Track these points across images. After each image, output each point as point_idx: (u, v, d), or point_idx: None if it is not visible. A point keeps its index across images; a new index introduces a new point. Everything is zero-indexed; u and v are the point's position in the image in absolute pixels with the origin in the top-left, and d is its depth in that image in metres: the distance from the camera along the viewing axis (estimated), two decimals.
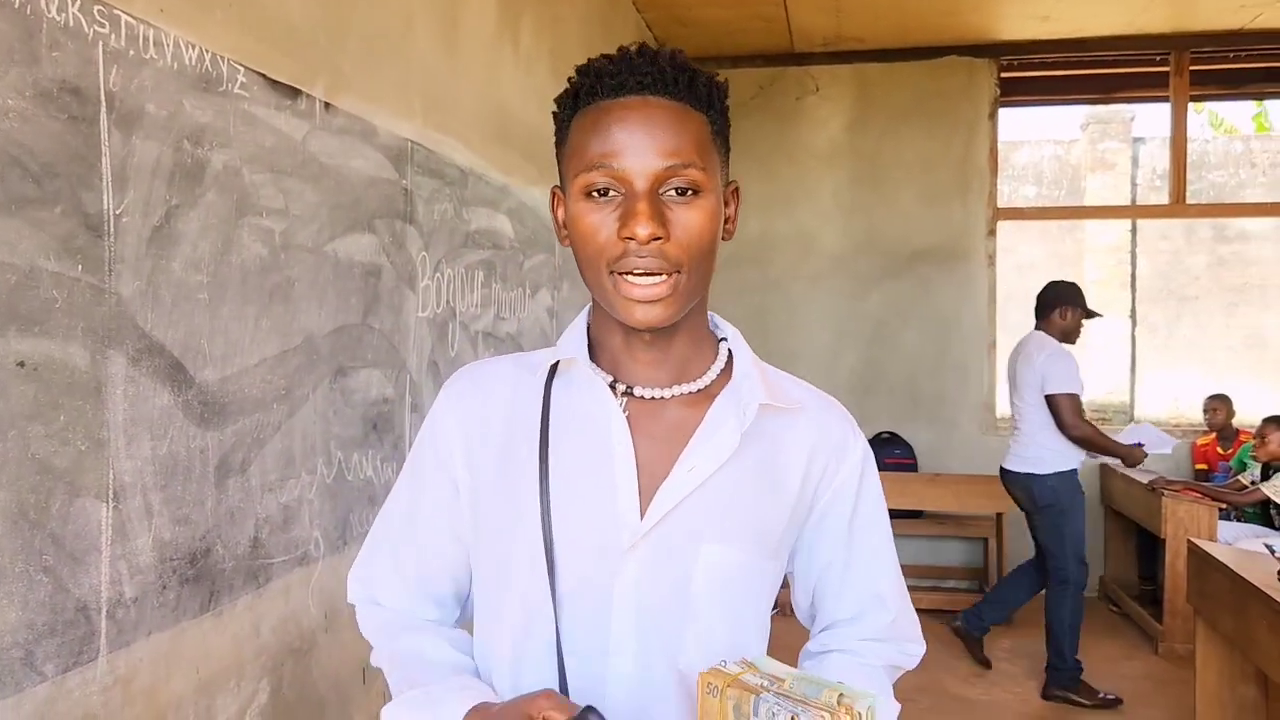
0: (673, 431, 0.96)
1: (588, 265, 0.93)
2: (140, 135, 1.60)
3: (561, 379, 1.00)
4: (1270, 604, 2.80)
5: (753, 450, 0.97)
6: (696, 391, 0.99)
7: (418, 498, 1.06)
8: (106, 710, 1.55)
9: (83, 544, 1.50)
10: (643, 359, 0.98)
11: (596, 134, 0.91)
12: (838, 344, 6.26)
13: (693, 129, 0.91)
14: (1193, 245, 9.87)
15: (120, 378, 1.56)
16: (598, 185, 0.90)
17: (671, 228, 0.89)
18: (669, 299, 0.90)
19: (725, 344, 1.04)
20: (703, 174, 0.91)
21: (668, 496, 0.93)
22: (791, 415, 1.01)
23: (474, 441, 1.01)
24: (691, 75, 0.93)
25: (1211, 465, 5.87)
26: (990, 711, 4.17)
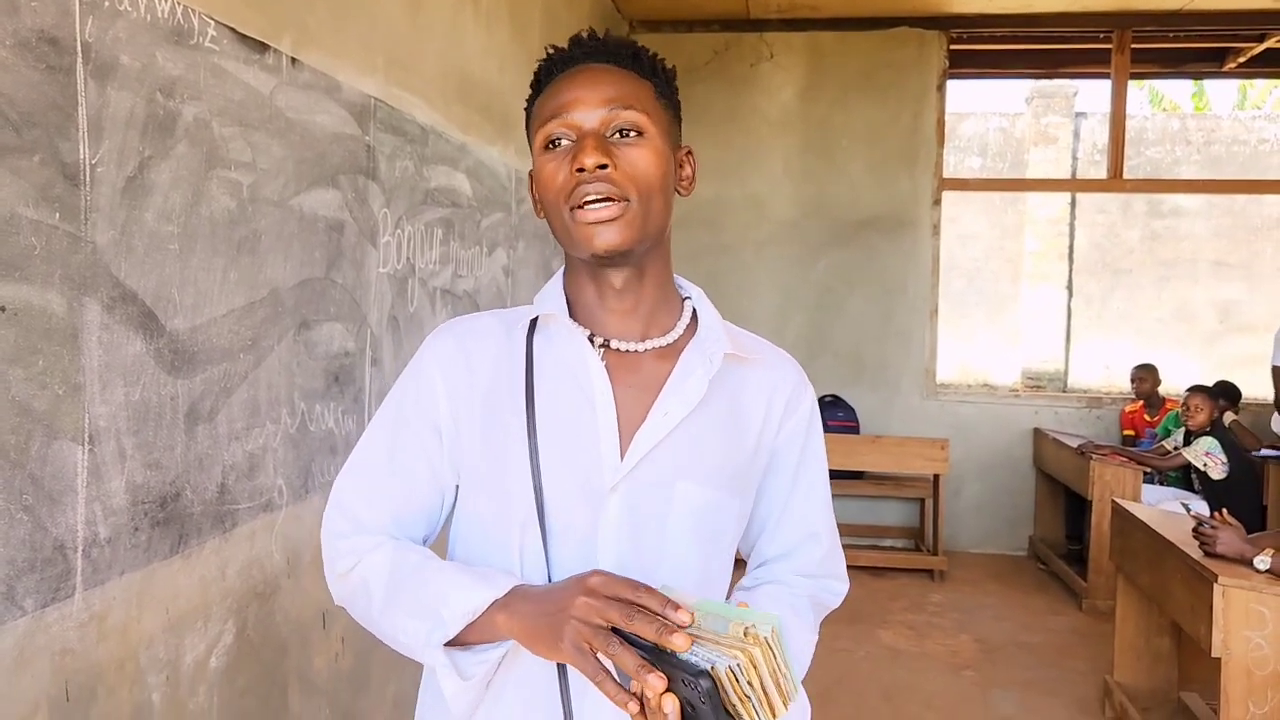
0: (647, 381, 1.05)
1: (552, 210, 1.03)
2: (115, 86, 1.63)
3: (542, 334, 1.08)
4: (1184, 559, 2.98)
5: (719, 397, 1.07)
6: (667, 345, 1.07)
7: (399, 439, 1.10)
8: (82, 645, 1.60)
9: (60, 485, 1.54)
10: (615, 309, 1.06)
11: (551, 97, 1.03)
12: (786, 308, 6.39)
13: (633, 85, 1.03)
14: (1128, 219, 10.16)
15: (95, 324, 1.60)
16: (552, 135, 1.01)
17: (616, 160, 0.99)
18: (620, 220, 0.99)
19: (690, 302, 1.13)
20: (645, 118, 1.02)
21: (645, 439, 1.02)
22: (752, 366, 1.11)
23: (459, 392, 1.07)
24: (635, 50, 1.06)
25: (1138, 431, 6.12)
26: (921, 661, 4.36)
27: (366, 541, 1.08)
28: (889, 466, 5.87)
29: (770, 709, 0.83)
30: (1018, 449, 6.33)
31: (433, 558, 1.05)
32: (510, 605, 0.95)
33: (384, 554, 1.06)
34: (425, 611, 0.98)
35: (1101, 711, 3.80)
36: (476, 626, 0.96)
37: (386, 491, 1.10)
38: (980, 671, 4.25)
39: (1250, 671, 2.69)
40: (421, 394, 1.09)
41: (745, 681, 0.82)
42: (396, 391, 1.12)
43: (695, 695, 0.82)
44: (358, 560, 1.08)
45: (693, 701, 0.83)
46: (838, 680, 4.07)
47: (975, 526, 6.35)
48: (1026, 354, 10.15)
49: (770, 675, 0.83)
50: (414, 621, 0.99)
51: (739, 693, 0.83)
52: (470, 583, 0.97)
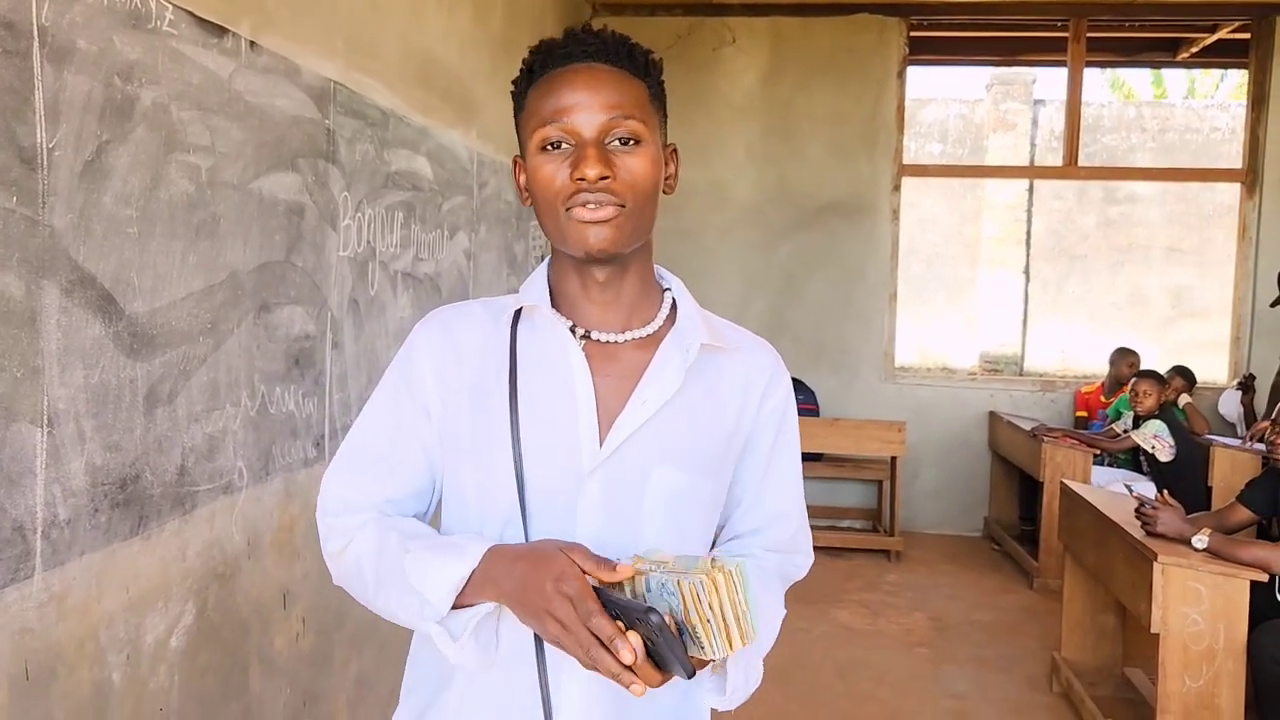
0: (626, 370, 1.09)
1: (546, 209, 1.06)
2: (72, 70, 1.63)
3: (526, 323, 1.12)
4: (1127, 539, 3.08)
5: (696, 385, 1.11)
6: (646, 336, 1.12)
7: (391, 422, 1.14)
8: (42, 624, 1.62)
9: (18, 467, 1.56)
10: (597, 301, 1.10)
11: (549, 96, 1.05)
12: (747, 293, 6.44)
13: (632, 89, 1.06)
14: (1084, 206, 10.33)
15: (54, 308, 1.61)
16: (551, 139, 1.03)
17: (617, 170, 1.02)
18: (614, 221, 1.03)
19: (669, 293, 1.18)
20: (643, 126, 1.05)
21: (623, 427, 1.06)
22: (729, 355, 1.16)
23: (447, 378, 1.11)
24: (631, 48, 1.08)
25: (1091, 413, 6.25)
26: (875, 639, 4.45)
27: (355, 520, 1.11)
28: (847, 449, 5.95)
29: (728, 639, 0.89)
30: (974, 432, 6.45)
31: (415, 534, 1.08)
32: (489, 577, 0.99)
33: (370, 534, 1.09)
34: (412, 590, 1.02)
35: (1049, 687, 3.91)
36: (467, 592, 1.00)
37: (378, 473, 1.13)
38: (933, 649, 4.35)
39: (1186, 646, 2.79)
40: (412, 380, 1.12)
41: (706, 604, 0.88)
42: (388, 378, 1.16)
43: (651, 632, 0.87)
44: (349, 540, 1.11)
45: (650, 638, 0.88)
46: (793, 658, 4.15)
47: (932, 508, 6.46)
48: (984, 338, 10.31)
49: (731, 605, 0.88)
50: (405, 598, 1.03)
51: (700, 614, 0.88)
52: (444, 561, 1.01)
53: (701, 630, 0.89)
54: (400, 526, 1.10)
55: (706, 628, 0.88)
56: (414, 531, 1.09)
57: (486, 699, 1.08)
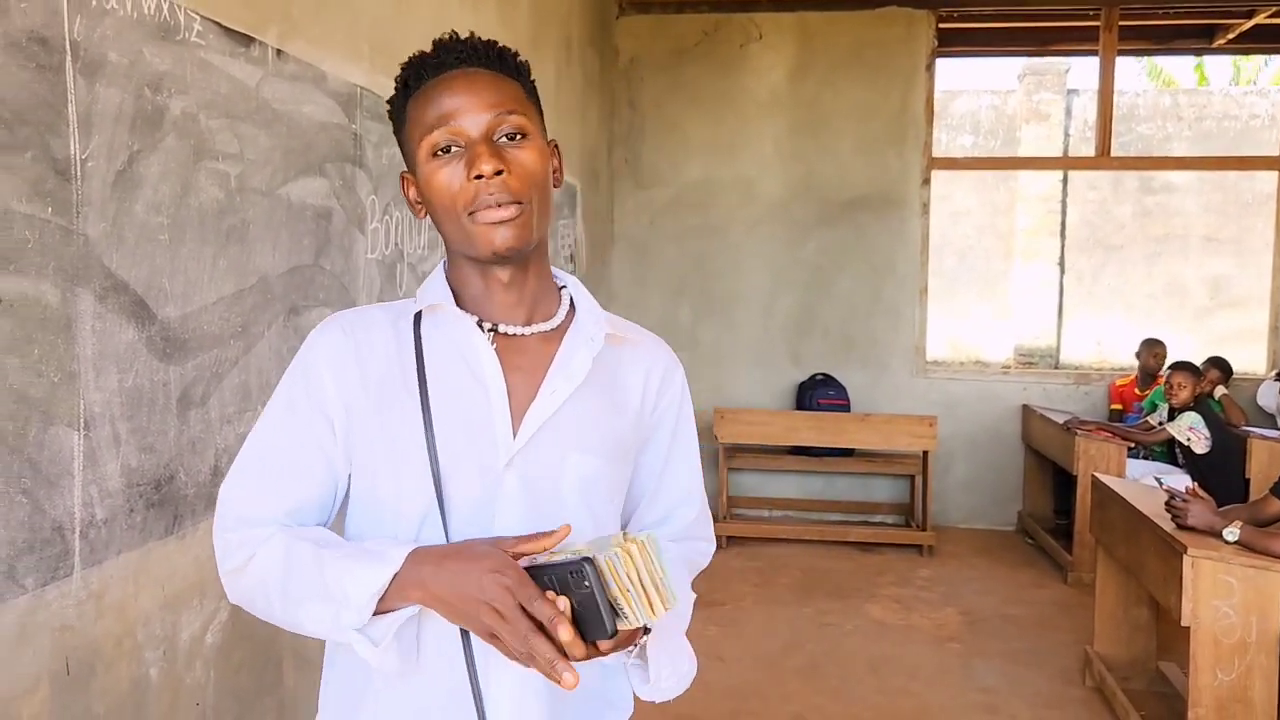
0: (534, 363, 1.11)
1: (446, 216, 1.07)
2: (103, 83, 1.68)
3: (430, 321, 1.12)
4: (1157, 532, 3.06)
5: (601, 375, 1.14)
6: (551, 329, 1.15)
7: (288, 432, 1.11)
8: (81, 621, 1.67)
9: (57, 469, 1.61)
10: (501, 300, 1.12)
11: (430, 104, 1.06)
12: (775, 288, 6.44)
13: (510, 88, 1.08)
14: (1120, 196, 10.20)
15: (89, 314, 1.66)
16: (440, 144, 1.05)
17: (510, 165, 1.04)
18: (519, 220, 1.04)
19: (566, 290, 1.21)
20: (527, 120, 1.07)
21: (535, 416, 1.08)
22: (629, 347, 1.19)
23: (348, 382, 1.09)
24: (500, 50, 1.10)
25: (1127, 406, 6.19)
26: (906, 634, 4.45)
27: (258, 534, 1.08)
28: (877, 444, 5.94)
29: (649, 605, 0.92)
30: (1007, 425, 6.41)
31: (326, 542, 1.06)
32: (415, 577, 0.98)
33: (277, 546, 1.06)
34: (328, 597, 1.00)
35: (1082, 681, 3.89)
36: (387, 599, 1.00)
37: (277, 485, 1.10)
38: (964, 643, 4.34)
39: (1218, 640, 2.77)
40: (311, 386, 1.10)
41: (625, 574, 0.91)
42: (284, 386, 1.13)
43: (582, 591, 0.91)
44: (251, 555, 1.07)
45: (582, 601, 0.92)
46: (825, 653, 4.16)
47: (964, 502, 6.43)
48: (1018, 330, 10.22)
49: (648, 575, 0.92)
50: (319, 607, 1.01)
51: (620, 585, 0.91)
52: (365, 567, 0.99)
53: (623, 601, 0.92)
54: (309, 536, 1.07)
55: (627, 597, 0.91)
56: (326, 540, 1.06)
57: (411, 704, 1.07)
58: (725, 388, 6.49)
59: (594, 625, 0.92)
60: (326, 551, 1.03)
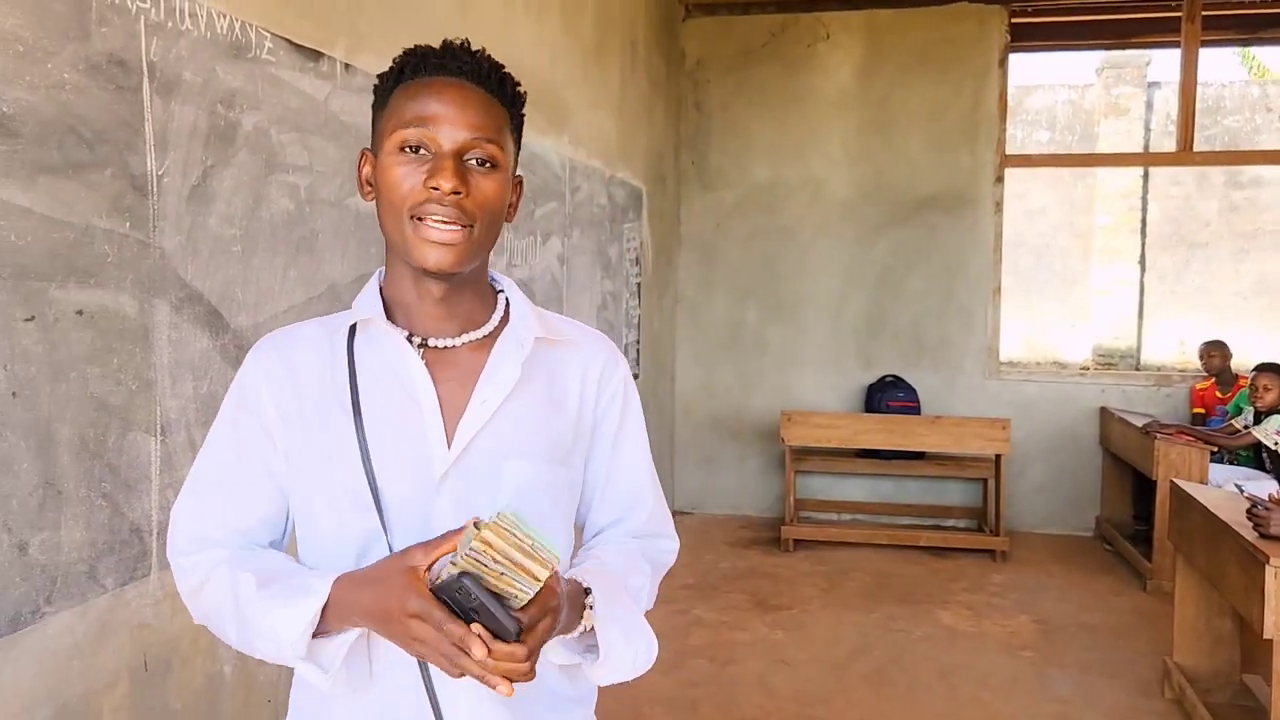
0: (465, 373, 1.11)
1: (390, 211, 1.06)
2: (179, 101, 1.74)
3: (362, 337, 1.12)
4: (1239, 540, 2.96)
5: (536, 379, 1.14)
6: (482, 338, 1.13)
7: (234, 453, 1.12)
8: (158, 620, 1.74)
9: (135, 473, 1.67)
10: (433, 313, 1.11)
11: (416, 100, 1.05)
12: (845, 289, 6.39)
13: (497, 116, 1.08)
14: (1204, 191, 9.88)
15: (165, 324, 1.73)
16: (411, 141, 1.04)
17: (470, 188, 1.03)
18: (461, 246, 1.04)
19: (503, 295, 1.20)
20: (500, 153, 1.07)
21: (468, 427, 1.08)
22: (566, 348, 1.18)
23: (284, 401, 1.10)
24: (503, 76, 1.10)
25: (1209, 409, 6.00)
26: (978, 641, 4.37)
27: (209, 557, 1.10)
28: (949, 447, 5.84)
29: (530, 574, 0.92)
30: (1084, 428, 6.26)
31: (266, 576, 1.06)
32: (345, 605, 1.00)
33: (223, 578, 1.08)
34: (270, 638, 1.03)
35: (1161, 694, 3.78)
36: (328, 624, 1.01)
37: (225, 506, 1.12)
38: (1038, 652, 4.24)
39: None
40: (249, 406, 1.12)
41: (490, 560, 0.90)
42: (225, 409, 1.15)
43: (473, 603, 0.91)
44: (204, 579, 1.10)
45: (478, 610, 0.91)
46: (893, 660, 4.11)
47: (1040, 507, 6.30)
48: (1097, 331, 9.96)
49: (514, 548, 0.91)
50: (263, 642, 1.04)
51: (492, 573, 0.91)
52: (290, 606, 1.01)
53: (504, 585, 0.91)
54: (254, 565, 1.08)
55: (505, 580, 0.91)
56: (267, 571, 1.07)
57: (372, 712, 1.09)
58: (793, 390, 6.46)
59: (499, 631, 0.92)
60: (262, 591, 1.04)
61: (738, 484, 6.58)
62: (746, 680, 3.89)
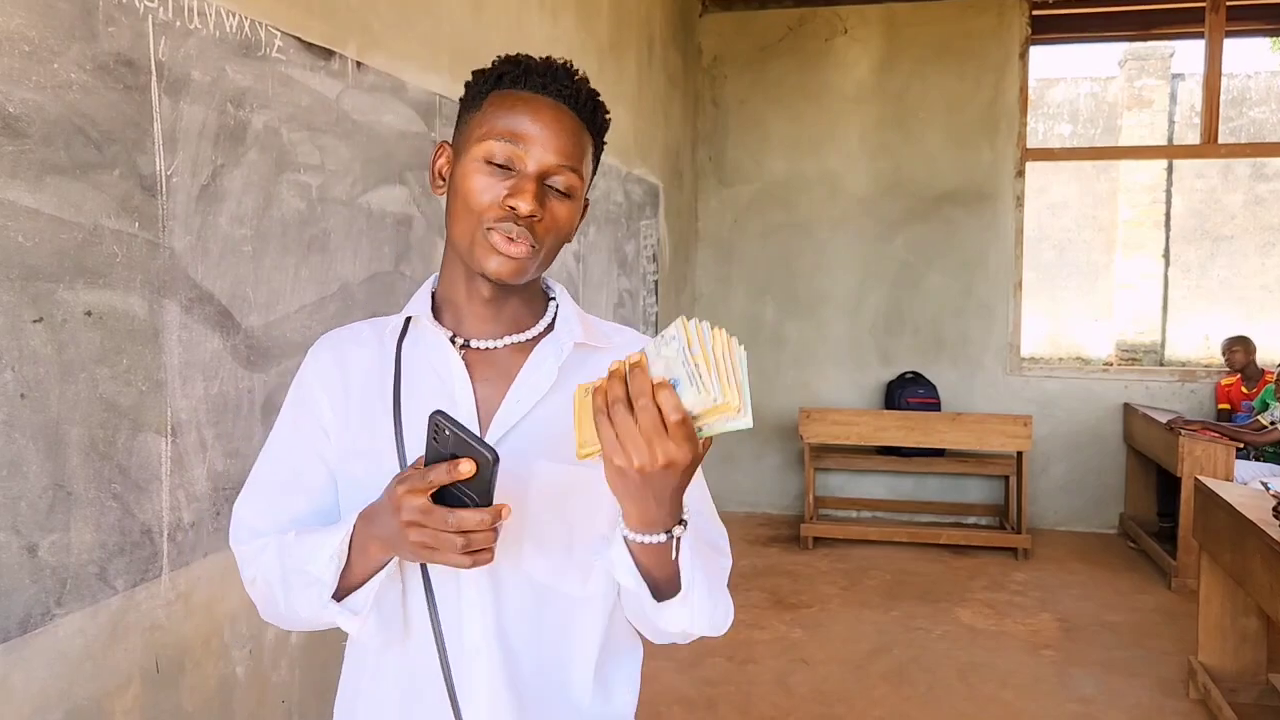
0: (503, 373, 1.13)
1: (462, 214, 1.07)
2: (187, 101, 1.74)
3: (410, 336, 1.16)
4: (1265, 539, 2.91)
5: (574, 382, 1.10)
6: (525, 341, 1.16)
7: (291, 449, 1.17)
8: (170, 621, 1.73)
9: (146, 474, 1.67)
10: (480, 313, 1.13)
11: (513, 114, 1.06)
12: (863, 285, 6.34)
13: (583, 143, 1.10)
14: (1229, 184, 9.75)
15: (175, 325, 1.72)
16: (498, 156, 1.05)
17: (546, 212, 1.06)
18: (524, 262, 1.06)
19: (554, 302, 1.21)
20: (579, 181, 1.09)
21: (499, 425, 1.10)
22: (609, 352, 1.17)
23: (336, 399, 1.15)
24: (596, 105, 1.11)
25: (1234, 405, 5.92)
26: (999, 640, 4.32)
27: (259, 543, 1.15)
28: (969, 444, 5.79)
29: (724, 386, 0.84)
30: (1107, 425, 6.19)
31: (304, 530, 1.11)
32: (364, 533, 1.02)
33: (270, 549, 1.12)
34: (307, 580, 1.06)
35: (1185, 693, 3.73)
36: (353, 567, 1.04)
37: (282, 498, 1.16)
38: (1060, 651, 4.20)
39: None
40: (307, 402, 1.16)
41: (710, 345, 0.85)
42: (286, 405, 1.19)
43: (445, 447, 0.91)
44: (256, 564, 1.14)
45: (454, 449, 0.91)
46: (913, 658, 4.08)
47: (1062, 504, 6.24)
48: (1121, 326, 9.86)
49: (729, 361, 0.85)
50: (304, 591, 1.06)
51: (703, 352, 0.84)
52: (320, 536, 1.06)
53: (704, 368, 0.84)
54: (294, 531, 1.13)
55: (709, 367, 0.84)
56: (304, 529, 1.12)
57: (398, 678, 1.12)
58: (811, 387, 6.42)
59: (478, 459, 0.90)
60: (300, 539, 1.09)
61: (756, 481, 6.55)
62: (765, 679, 3.87)
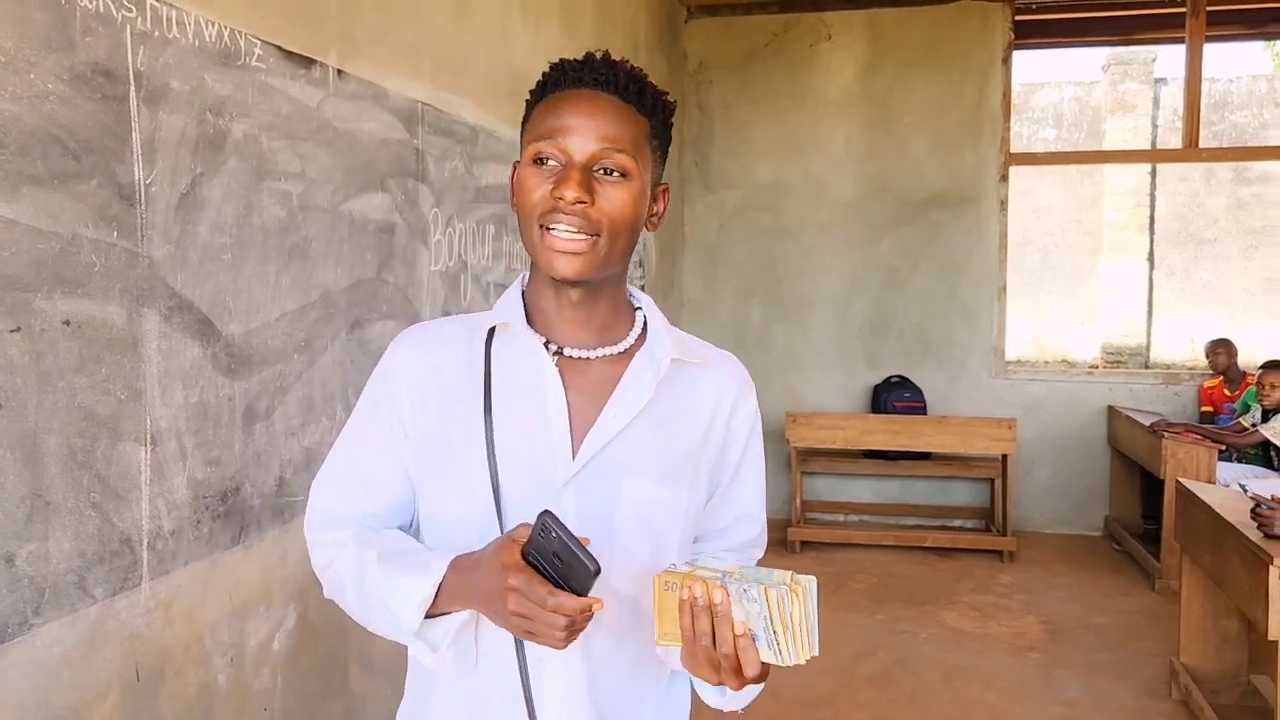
0: (597, 385, 1.13)
1: (524, 219, 1.09)
2: (166, 110, 1.74)
3: (500, 339, 1.15)
4: (1243, 541, 2.94)
5: (665, 399, 1.15)
6: (618, 353, 1.15)
7: (370, 438, 1.18)
8: (150, 630, 1.73)
9: (125, 483, 1.67)
10: (570, 319, 1.13)
11: (551, 114, 1.08)
12: (849, 290, 6.37)
13: (632, 126, 1.08)
14: (1212, 187, 9.82)
15: (154, 333, 1.72)
16: (543, 154, 1.07)
17: (597, 197, 1.05)
18: (586, 255, 1.06)
19: (640, 312, 1.21)
20: (632, 162, 1.07)
21: (595, 440, 1.10)
22: (698, 369, 1.19)
23: (421, 394, 1.14)
24: (641, 85, 1.10)
25: (1217, 407, 5.96)
26: (984, 643, 4.34)
27: (338, 535, 1.17)
28: (954, 447, 5.82)
29: (797, 650, 0.95)
30: (1092, 428, 6.22)
31: (388, 552, 1.11)
32: (454, 585, 1.04)
33: (350, 554, 1.14)
34: (386, 609, 1.07)
35: (1168, 694, 3.75)
36: (439, 605, 1.05)
37: (358, 489, 1.18)
38: (1045, 653, 4.22)
39: None
40: (388, 397, 1.16)
41: (789, 612, 0.94)
42: (366, 395, 1.20)
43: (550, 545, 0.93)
44: (332, 558, 1.16)
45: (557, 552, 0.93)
46: (898, 662, 4.09)
47: (1048, 506, 6.27)
48: (1106, 329, 9.91)
49: (804, 617, 0.94)
50: (381, 614, 1.09)
51: (783, 621, 0.94)
52: (409, 580, 1.06)
53: (781, 636, 0.94)
54: (379, 542, 1.14)
55: (785, 634, 0.93)
56: (390, 548, 1.12)
57: (470, 698, 1.13)
58: (798, 391, 6.44)
59: (579, 570, 0.93)
60: (382, 566, 1.09)
61: None
62: None
